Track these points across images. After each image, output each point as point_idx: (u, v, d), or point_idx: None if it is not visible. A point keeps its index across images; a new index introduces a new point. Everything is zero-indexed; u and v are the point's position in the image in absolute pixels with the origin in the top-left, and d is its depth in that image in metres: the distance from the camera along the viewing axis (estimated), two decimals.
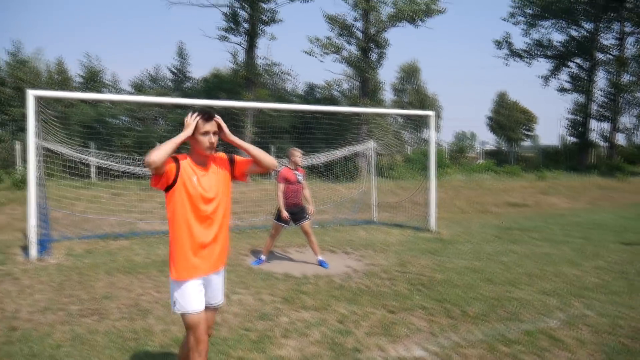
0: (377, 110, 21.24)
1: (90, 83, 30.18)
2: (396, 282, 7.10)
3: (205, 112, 3.23)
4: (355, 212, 14.59)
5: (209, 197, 3.24)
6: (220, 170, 3.36)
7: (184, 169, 3.20)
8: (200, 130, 3.19)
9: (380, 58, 26.30)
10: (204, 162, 3.30)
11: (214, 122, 3.24)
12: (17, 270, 7.62)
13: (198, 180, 3.22)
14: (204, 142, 3.19)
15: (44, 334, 4.91)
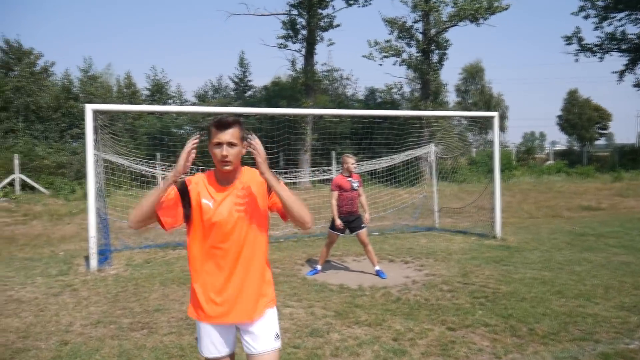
0: (438, 112, 20.62)
1: (157, 95, 31.12)
2: (457, 294, 6.67)
3: (219, 119, 2.61)
4: (416, 219, 14.13)
5: (226, 226, 2.61)
6: (250, 192, 2.70)
7: (197, 191, 2.65)
8: (212, 139, 2.60)
9: (442, 59, 25.65)
10: (226, 180, 2.69)
11: (230, 131, 2.59)
12: (77, 281, 7.75)
13: (215, 204, 2.63)
14: (215, 154, 2.60)
15: (92, 349, 4.87)
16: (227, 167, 2.60)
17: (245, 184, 2.71)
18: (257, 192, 2.71)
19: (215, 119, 2.60)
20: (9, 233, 12.63)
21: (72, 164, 22.24)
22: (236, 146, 2.61)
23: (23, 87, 25.33)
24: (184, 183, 2.66)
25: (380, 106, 30.50)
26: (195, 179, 2.71)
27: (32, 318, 5.91)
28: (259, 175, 2.65)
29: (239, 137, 2.62)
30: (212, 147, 2.60)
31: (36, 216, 15.15)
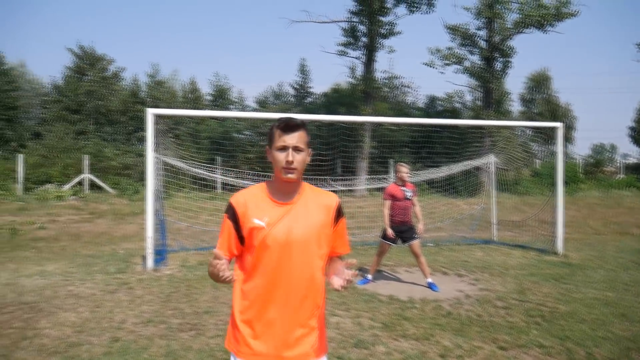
0: (500, 122, 20.09)
1: (219, 100, 31.89)
2: (512, 312, 6.42)
3: (285, 120, 2.31)
4: (473, 230, 13.75)
5: (282, 251, 2.26)
6: (314, 213, 2.35)
7: (245, 210, 2.31)
8: (275, 143, 2.29)
9: (506, 67, 24.97)
10: (285, 193, 2.35)
11: (297, 134, 2.28)
12: (133, 279, 7.99)
13: (269, 222, 2.28)
14: (278, 160, 2.27)
15: (141, 348, 4.99)
16: (290, 176, 2.26)
17: (308, 202, 2.36)
18: (322, 216, 2.36)
19: (280, 120, 2.29)
20: (75, 230, 13.20)
21: (137, 166, 23.08)
22: (302, 152, 2.30)
23: (95, 91, 26.58)
24: (232, 207, 2.33)
25: (440, 114, 30.04)
26: (244, 195, 2.35)
27: (88, 313, 6.13)
28: (325, 196, 2.42)
29: (305, 141, 2.31)
30: (274, 152, 2.29)
31: (101, 215, 15.80)
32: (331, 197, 2.44)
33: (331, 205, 2.40)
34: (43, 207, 16.40)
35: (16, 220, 13.88)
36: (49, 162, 21.54)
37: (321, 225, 2.34)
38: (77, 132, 24.92)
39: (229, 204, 2.34)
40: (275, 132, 2.29)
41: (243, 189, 2.39)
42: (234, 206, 2.33)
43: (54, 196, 18.22)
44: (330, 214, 2.38)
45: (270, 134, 2.32)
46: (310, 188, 2.43)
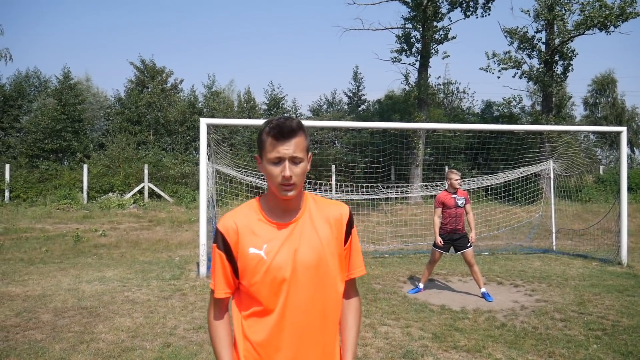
0: (560, 127, 19.36)
1: (273, 109, 32.31)
2: (571, 324, 6.14)
3: (278, 125, 1.82)
4: (531, 239, 13.29)
5: (288, 283, 1.84)
6: (323, 228, 1.94)
7: (237, 239, 1.88)
8: (268, 154, 1.83)
9: (566, 70, 24.08)
10: (284, 212, 1.92)
11: (294, 140, 1.83)
12: (187, 286, 8.17)
13: (269, 251, 1.85)
14: (273, 175, 1.83)
15: (191, 354, 5.07)
16: (290, 194, 1.83)
17: (314, 217, 1.95)
18: (333, 232, 1.96)
19: (271, 125, 1.83)
20: (134, 237, 13.65)
21: (194, 174, 23.65)
22: (302, 162, 1.85)
23: (154, 103, 27.46)
24: (221, 236, 1.89)
25: (497, 120, 29.33)
26: (234, 218, 1.91)
27: (142, 319, 6.30)
28: (333, 207, 2.01)
29: (304, 148, 1.86)
30: (266, 165, 1.85)
31: (159, 222, 16.27)
32: (340, 208, 2.02)
33: (341, 217, 1.99)
34: (105, 215, 17.05)
35: (80, 227, 14.49)
36: (112, 172, 22.38)
37: (333, 243, 1.94)
38: (138, 143, 25.79)
39: (217, 232, 1.91)
40: (266, 140, 1.83)
41: (232, 210, 1.96)
42: (223, 234, 1.89)
43: (116, 204, 18.91)
44: (342, 228, 1.98)
45: (260, 142, 1.87)
46: (313, 199, 2.02)
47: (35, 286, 8.01)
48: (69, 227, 14.58)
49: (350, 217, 2.03)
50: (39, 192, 20.59)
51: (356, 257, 2.05)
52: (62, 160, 25.53)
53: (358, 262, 2.06)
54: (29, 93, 29.28)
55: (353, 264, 2.04)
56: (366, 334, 5.73)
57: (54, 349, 5.19)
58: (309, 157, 1.92)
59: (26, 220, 15.48)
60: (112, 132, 26.22)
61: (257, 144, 1.90)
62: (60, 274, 8.94)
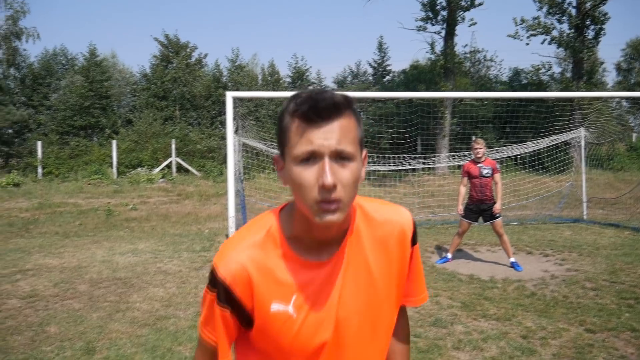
0: (591, 93, 18.89)
1: (298, 82, 32.17)
2: (602, 293, 6.08)
3: (311, 98, 1.11)
4: (561, 209, 13.11)
5: (320, 339, 1.23)
6: (378, 256, 1.29)
7: (253, 291, 1.21)
8: (295, 148, 1.12)
9: (598, 35, 23.34)
10: (322, 240, 1.23)
11: (337, 123, 1.10)
12: None
13: (299, 307, 1.22)
14: (303, 185, 1.11)
15: None
16: (333, 218, 1.11)
17: (365, 242, 1.28)
18: (387, 259, 1.30)
19: (299, 98, 1.12)
20: (164, 211, 13.88)
21: (221, 149, 23.83)
22: (353, 162, 1.12)
23: (180, 78, 27.58)
24: (224, 286, 1.20)
25: (525, 88, 28.72)
26: (241, 260, 1.21)
27: (175, 289, 6.45)
28: (391, 218, 1.32)
29: (356, 138, 1.14)
30: (292, 167, 1.13)
31: (188, 196, 16.51)
32: (401, 218, 1.33)
33: (404, 234, 1.32)
34: (135, 189, 17.36)
35: (111, 202, 14.80)
36: (140, 147, 22.71)
37: (391, 277, 1.30)
38: (165, 118, 26.00)
39: (216, 279, 1.22)
40: (291, 124, 1.13)
41: (236, 238, 1.27)
42: (228, 285, 1.20)
43: (145, 179, 19.23)
44: (405, 248, 1.33)
45: (282, 129, 1.16)
46: (362, 213, 1.30)
47: (71, 258, 8.24)
48: (101, 202, 14.89)
49: (414, 233, 1.35)
50: (70, 168, 21.06)
51: (415, 280, 1.41)
52: (91, 137, 25.97)
53: (417, 287, 1.42)
54: (57, 71, 29.66)
55: (413, 288, 1.41)
56: None
57: (92, 317, 5.36)
58: (364, 155, 1.20)
59: (59, 196, 15.87)
60: (139, 108, 26.50)
61: (277, 136, 1.20)
62: (94, 247, 9.18)
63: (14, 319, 5.35)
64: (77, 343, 4.68)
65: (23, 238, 10.14)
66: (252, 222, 1.31)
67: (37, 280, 6.86)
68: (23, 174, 19.90)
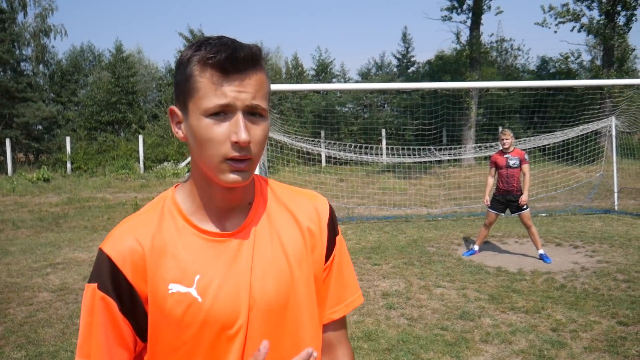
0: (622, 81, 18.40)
1: (322, 74, 32.11)
2: (635, 285, 5.92)
3: (222, 46, 0.98)
4: (591, 200, 12.83)
5: (232, 326, 1.04)
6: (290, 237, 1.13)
7: (145, 269, 1.03)
8: (203, 100, 0.98)
9: (629, 21, 22.74)
10: (226, 208, 1.10)
11: (253, 75, 1.00)
12: None
13: (203, 285, 1.03)
14: (212, 141, 0.99)
15: None
16: (242, 177, 1.01)
17: (273, 218, 1.14)
18: (303, 241, 1.14)
19: (208, 44, 1.00)
20: None
21: None
22: (264, 120, 1.04)
23: None
24: (110, 268, 1.02)
25: (553, 77, 28.15)
26: (133, 233, 1.06)
27: None
28: (300, 198, 1.20)
29: (268, 94, 1.05)
30: (197, 121, 1.00)
31: None
32: (315, 201, 1.20)
33: (318, 217, 1.18)
34: (161, 183, 17.55)
35: (138, 196, 14.99)
36: (166, 142, 22.94)
37: (307, 262, 1.13)
38: None
39: (99, 262, 1.05)
40: (199, 72, 1.00)
41: (129, 217, 1.12)
42: (114, 263, 1.03)
43: (171, 173, 19.42)
44: (321, 234, 1.17)
45: (185, 77, 1.02)
46: (269, 187, 1.19)
47: None
48: (128, 196, 15.10)
49: (331, 217, 1.20)
50: (98, 162, 21.40)
51: (341, 284, 1.20)
52: (118, 132, 26.34)
53: (344, 293, 1.20)
54: (84, 67, 30.18)
55: (334, 297, 1.19)
56: (421, 295, 5.72)
57: None
58: None
59: (88, 190, 16.14)
60: (165, 103, 26.76)
61: (176, 85, 1.05)
62: None
63: (44, 312, 5.45)
64: None
65: (53, 232, 10.35)
66: (148, 203, 1.15)
67: (67, 274, 6.98)
68: (53, 169, 20.29)
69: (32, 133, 24.60)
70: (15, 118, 23.14)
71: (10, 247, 8.97)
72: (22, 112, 23.00)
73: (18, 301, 5.82)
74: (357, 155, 14.16)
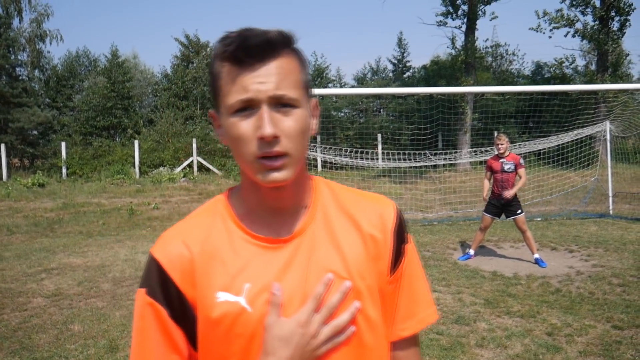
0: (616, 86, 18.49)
1: (317, 79, 32.18)
2: (630, 289, 5.94)
3: (239, 37, 0.91)
4: (586, 204, 12.87)
5: None
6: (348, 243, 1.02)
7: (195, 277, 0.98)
8: (227, 97, 0.93)
9: (623, 26, 22.91)
10: (277, 212, 1.02)
11: (274, 64, 0.92)
12: None
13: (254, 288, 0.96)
14: (241, 140, 0.92)
15: None
16: (278, 175, 0.93)
17: (332, 222, 1.05)
18: (365, 249, 1.03)
19: (227, 38, 0.93)
20: (186, 210, 13.98)
21: None
22: (298, 108, 0.94)
23: (200, 77, 27.78)
24: (159, 273, 0.99)
25: (548, 82, 28.31)
26: (182, 238, 1.02)
27: None
28: (363, 201, 1.09)
29: (299, 81, 0.96)
30: (227, 118, 0.94)
31: (209, 195, 16.59)
32: (381, 205, 1.10)
33: (384, 223, 1.07)
34: (157, 189, 17.52)
35: (134, 201, 14.95)
36: (161, 147, 22.91)
37: (369, 271, 1.02)
38: (186, 118, 26.22)
39: (150, 265, 1.02)
40: (222, 68, 0.95)
41: (177, 223, 1.07)
42: (164, 268, 0.99)
43: (167, 178, 19.39)
44: (386, 242, 1.06)
45: (213, 77, 0.98)
46: (330, 189, 1.10)
47: (95, 257, 8.35)
48: (123, 201, 15.06)
49: (398, 222, 1.09)
50: (94, 168, 21.34)
51: (411, 298, 1.09)
52: (114, 137, 26.32)
53: (414, 307, 1.09)
54: (80, 72, 30.17)
55: (403, 311, 1.08)
56: None
57: (115, 316, 5.41)
58: (314, 104, 1.04)
59: (83, 196, 16.09)
60: (160, 108, 26.75)
61: (209, 87, 1.02)
62: (117, 246, 9.28)
63: (39, 317, 5.42)
64: (100, 341, 4.73)
65: (48, 237, 10.30)
66: (200, 207, 1.11)
67: (62, 279, 6.95)
68: (48, 175, 20.23)
69: (27, 138, 24.55)
70: (11, 123, 23.08)
71: (4, 252, 8.94)
72: (17, 117, 22.96)
73: (12, 307, 5.79)
74: (353, 160, 14.17)
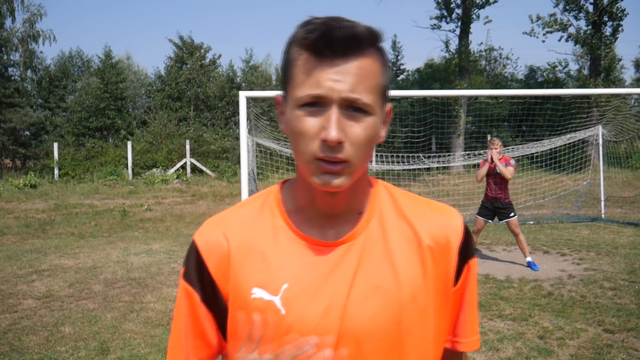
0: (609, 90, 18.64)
1: None
2: (621, 293, 5.97)
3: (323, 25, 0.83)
4: (579, 208, 12.93)
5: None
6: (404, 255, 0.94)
7: (229, 269, 0.94)
8: (297, 88, 0.85)
9: (616, 31, 23.08)
10: (330, 214, 0.95)
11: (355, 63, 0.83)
12: None
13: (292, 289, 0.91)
14: (303, 136, 0.85)
15: None
16: (336, 182, 0.86)
17: (388, 232, 0.96)
18: (421, 264, 0.94)
19: (311, 24, 0.85)
20: (178, 211, 13.95)
21: (235, 149, 23.91)
22: (370, 116, 0.86)
23: (194, 79, 27.74)
24: (197, 259, 0.97)
25: (541, 86, 28.48)
26: (222, 228, 0.98)
27: None
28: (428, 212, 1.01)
29: (378, 86, 0.87)
30: (292, 109, 0.87)
31: (202, 196, 16.57)
32: (447, 217, 1.01)
33: (447, 238, 0.97)
34: (150, 190, 17.47)
35: (126, 203, 14.90)
36: (155, 148, 22.86)
37: (425, 287, 0.94)
38: (179, 119, 26.16)
39: (192, 246, 0.99)
40: (299, 55, 0.87)
41: (225, 210, 1.03)
42: (200, 254, 0.97)
43: (160, 180, 19.34)
44: (449, 258, 0.97)
45: (287, 62, 0.90)
46: (391, 195, 1.02)
47: (86, 259, 8.30)
48: (116, 203, 15.00)
49: (464, 240, 0.99)
50: (86, 169, 21.26)
51: (468, 313, 1.03)
52: (107, 138, 26.22)
53: (469, 325, 1.03)
54: (73, 73, 30.04)
55: (464, 326, 1.03)
56: None
57: (106, 318, 5.38)
58: (389, 110, 0.96)
59: (75, 197, 16.02)
60: (154, 109, 26.68)
61: (281, 71, 0.95)
62: (109, 247, 9.23)
63: (29, 319, 5.38)
64: (91, 343, 4.70)
65: (39, 239, 10.24)
66: (250, 197, 1.05)
67: (53, 281, 6.91)
68: (40, 176, 20.12)
69: (20, 139, 24.40)
70: (2, 124, 22.93)
71: None
72: (9, 118, 22.82)
73: (2, 308, 5.75)
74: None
